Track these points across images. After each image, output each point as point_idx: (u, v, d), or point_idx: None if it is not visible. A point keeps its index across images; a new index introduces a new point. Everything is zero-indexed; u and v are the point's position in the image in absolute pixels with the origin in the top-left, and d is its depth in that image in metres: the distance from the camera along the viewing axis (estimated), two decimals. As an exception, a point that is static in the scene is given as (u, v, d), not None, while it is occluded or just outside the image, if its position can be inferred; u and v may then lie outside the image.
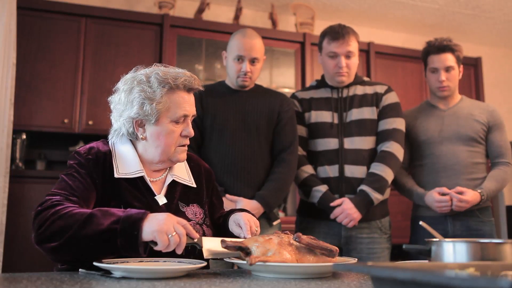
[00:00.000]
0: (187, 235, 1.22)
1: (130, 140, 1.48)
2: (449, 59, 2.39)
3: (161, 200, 1.43)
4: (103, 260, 1.18)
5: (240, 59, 2.18)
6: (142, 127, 1.43)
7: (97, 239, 1.17)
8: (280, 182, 2.16)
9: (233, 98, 2.23)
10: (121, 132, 1.46)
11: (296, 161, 2.21)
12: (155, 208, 1.39)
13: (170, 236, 1.16)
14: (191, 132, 1.45)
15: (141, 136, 1.43)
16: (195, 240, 1.25)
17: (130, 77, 1.44)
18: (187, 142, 1.47)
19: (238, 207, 2.06)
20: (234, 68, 2.20)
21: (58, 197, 1.29)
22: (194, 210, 1.48)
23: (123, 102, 1.42)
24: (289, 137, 2.22)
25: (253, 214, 1.53)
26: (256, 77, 2.25)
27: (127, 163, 1.42)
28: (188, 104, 1.43)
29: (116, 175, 1.39)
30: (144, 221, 1.18)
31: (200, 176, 1.59)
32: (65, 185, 1.33)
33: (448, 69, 2.40)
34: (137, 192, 1.40)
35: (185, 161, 1.57)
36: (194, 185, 1.54)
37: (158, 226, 1.16)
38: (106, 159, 1.41)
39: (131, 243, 1.16)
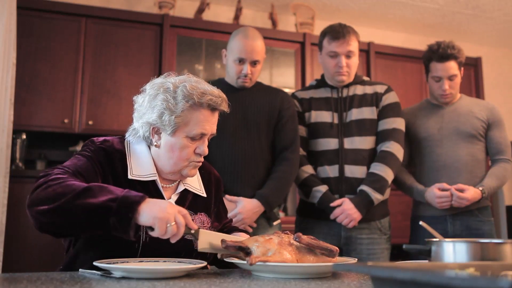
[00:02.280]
0: (186, 225, 1.22)
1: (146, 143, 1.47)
2: (452, 67, 2.37)
3: None
4: (103, 260, 1.18)
5: (241, 61, 2.16)
6: (158, 134, 1.41)
7: (90, 213, 1.16)
8: (282, 181, 2.15)
9: (233, 96, 2.20)
10: (138, 133, 1.45)
11: (298, 160, 2.20)
12: None
13: (169, 225, 1.16)
14: (205, 151, 1.42)
15: (155, 143, 1.42)
16: (193, 232, 1.25)
17: (159, 82, 1.41)
18: (201, 159, 1.44)
19: (238, 207, 2.06)
20: (235, 70, 2.18)
21: (66, 168, 1.29)
22: (201, 219, 1.47)
23: (146, 105, 1.40)
24: (290, 135, 2.20)
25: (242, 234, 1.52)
26: (256, 77, 2.24)
27: (141, 164, 1.41)
28: (208, 123, 1.40)
29: (129, 176, 1.37)
30: (142, 204, 1.17)
31: (210, 185, 1.58)
32: (76, 162, 1.34)
33: (451, 77, 2.38)
34: (147, 195, 1.39)
35: None
36: (205, 195, 1.53)
37: (160, 213, 1.16)
38: (117, 156, 1.40)
39: (124, 225, 1.16)
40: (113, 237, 1.20)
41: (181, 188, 1.47)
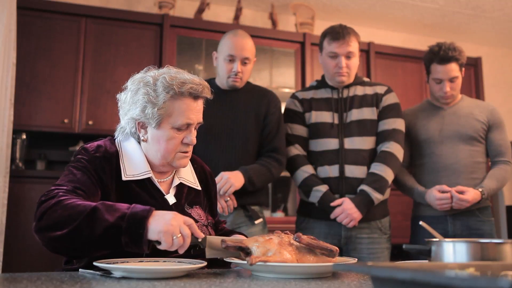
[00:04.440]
0: (192, 234, 1.22)
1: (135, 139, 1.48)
2: (453, 69, 2.36)
3: (171, 199, 1.43)
4: (103, 260, 1.18)
5: (231, 59, 2.19)
6: (144, 129, 1.42)
7: (101, 235, 1.17)
8: (264, 169, 2.15)
9: (220, 100, 2.20)
10: (125, 131, 1.46)
11: (285, 162, 2.24)
12: (165, 207, 1.39)
13: (175, 237, 1.16)
14: (193, 140, 1.43)
15: (142, 137, 1.43)
16: (199, 240, 1.25)
17: (139, 77, 1.43)
18: (189, 149, 1.45)
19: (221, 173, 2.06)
20: (225, 68, 2.21)
21: (65, 187, 1.28)
22: (198, 212, 1.49)
23: (128, 102, 1.41)
24: (279, 141, 2.23)
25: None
26: (246, 78, 2.26)
27: (134, 164, 1.41)
28: (192, 112, 1.40)
29: (124, 178, 1.37)
30: (150, 218, 1.18)
31: (202, 179, 1.60)
32: (72, 177, 1.33)
33: (452, 79, 2.38)
34: (145, 193, 1.40)
35: (189, 162, 1.57)
36: (199, 188, 1.55)
37: (165, 227, 1.16)
38: (113, 160, 1.40)
39: (136, 241, 1.17)
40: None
41: (176, 181, 1.48)
